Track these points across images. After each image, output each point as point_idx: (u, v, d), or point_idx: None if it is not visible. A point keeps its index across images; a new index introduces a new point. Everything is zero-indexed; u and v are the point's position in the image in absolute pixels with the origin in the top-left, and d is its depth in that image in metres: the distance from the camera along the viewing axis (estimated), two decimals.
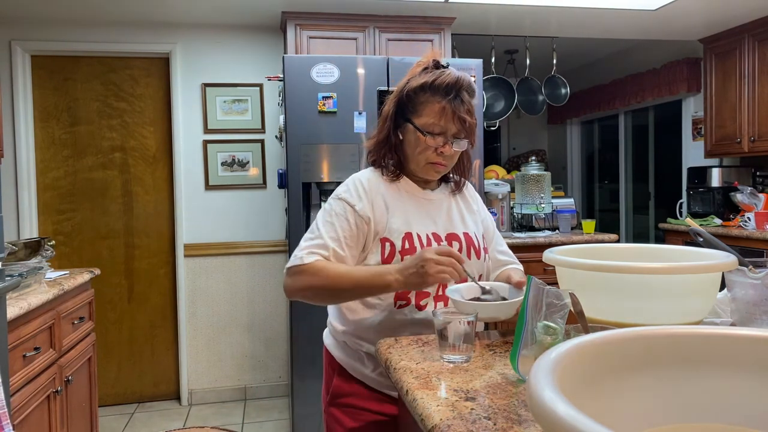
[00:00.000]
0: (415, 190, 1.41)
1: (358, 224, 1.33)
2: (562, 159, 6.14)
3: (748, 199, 3.69)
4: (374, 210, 1.34)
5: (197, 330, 3.66)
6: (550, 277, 1.67)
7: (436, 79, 1.32)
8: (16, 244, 2.27)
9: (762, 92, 3.61)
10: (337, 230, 1.32)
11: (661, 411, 0.65)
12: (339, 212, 1.34)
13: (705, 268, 1.06)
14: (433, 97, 1.32)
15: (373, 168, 1.44)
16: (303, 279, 1.29)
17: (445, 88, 1.31)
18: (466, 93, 1.33)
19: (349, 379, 1.41)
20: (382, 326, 1.35)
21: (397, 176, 1.40)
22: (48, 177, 3.54)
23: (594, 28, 3.86)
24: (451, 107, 1.30)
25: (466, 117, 1.31)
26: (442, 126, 1.31)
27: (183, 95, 3.60)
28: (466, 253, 1.38)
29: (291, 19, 3.28)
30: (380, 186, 1.38)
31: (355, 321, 1.38)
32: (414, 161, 1.37)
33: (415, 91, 1.34)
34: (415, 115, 1.34)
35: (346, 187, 1.39)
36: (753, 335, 0.67)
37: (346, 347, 1.41)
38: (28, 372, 1.93)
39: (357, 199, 1.35)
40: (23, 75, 3.43)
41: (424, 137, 1.32)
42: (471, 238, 1.41)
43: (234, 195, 3.67)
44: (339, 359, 1.42)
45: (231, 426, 3.26)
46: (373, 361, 1.37)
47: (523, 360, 0.94)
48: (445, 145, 1.32)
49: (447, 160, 1.35)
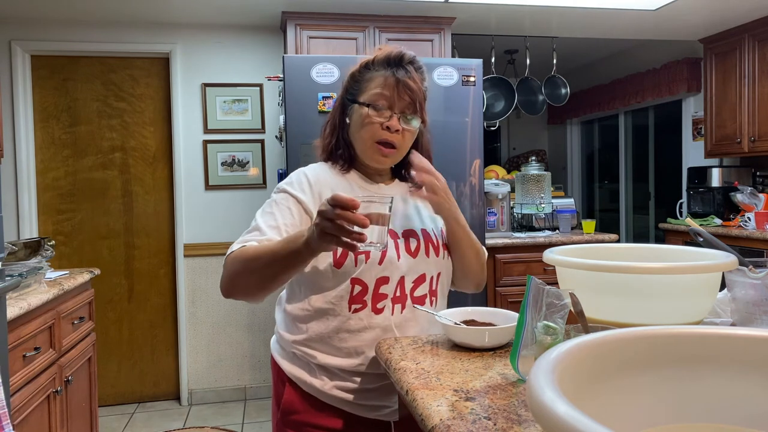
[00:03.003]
0: (365, 184, 1.31)
1: (301, 215, 1.23)
2: (562, 159, 6.14)
3: (748, 199, 3.69)
4: (319, 203, 1.21)
5: (197, 330, 3.66)
6: (550, 277, 1.68)
7: (378, 54, 1.26)
8: (16, 244, 2.27)
9: (762, 92, 3.61)
10: (277, 218, 1.21)
11: (661, 411, 0.65)
12: (280, 202, 1.24)
13: (705, 268, 1.06)
14: (376, 72, 1.25)
15: (322, 162, 1.34)
16: (227, 268, 1.15)
17: (386, 61, 1.25)
18: (411, 66, 1.25)
19: (301, 393, 1.28)
20: (336, 335, 1.23)
21: (346, 169, 1.30)
22: (48, 177, 3.54)
23: (594, 28, 3.86)
24: (394, 77, 1.22)
25: (411, 84, 1.21)
26: (388, 98, 1.22)
27: (183, 95, 3.60)
28: (425, 251, 1.29)
29: (291, 19, 3.28)
30: (328, 179, 1.28)
31: (306, 329, 1.26)
32: (361, 142, 1.26)
33: (359, 71, 1.28)
34: (360, 94, 1.26)
35: (289, 180, 1.29)
36: (753, 335, 0.67)
37: (296, 358, 1.29)
38: (28, 372, 1.93)
39: (299, 191, 1.25)
40: (23, 75, 3.43)
41: (367, 110, 1.22)
42: (429, 235, 1.31)
43: (234, 195, 3.67)
44: (288, 372, 1.29)
45: (231, 426, 3.26)
46: (327, 374, 1.25)
47: (523, 360, 0.94)
48: (391, 119, 1.22)
49: (396, 139, 1.23)
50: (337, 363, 1.25)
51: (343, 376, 1.26)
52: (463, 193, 2.98)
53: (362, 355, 1.25)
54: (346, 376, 1.25)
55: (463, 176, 2.99)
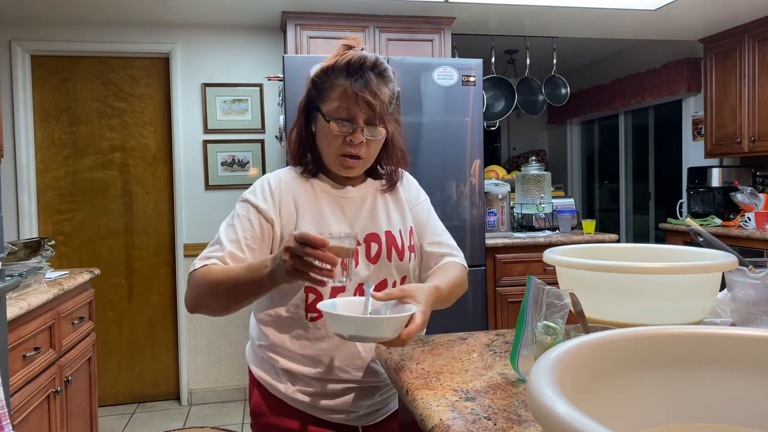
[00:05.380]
0: (330, 189, 1.27)
1: (262, 225, 1.22)
2: (562, 159, 6.14)
3: (748, 199, 3.69)
4: (281, 211, 1.23)
5: (197, 330, 3.66)
6: (550, 277, 1.68)
7: (339, 59, 1.20)
8: (16, 244, 2.27)
9: (762, 92, 3.61)
10: (237, 231, 1.21)
11: (661, 411, 0.65)
12: (241, 213, 1.24)
13: (705, 268, 1.06)
14: (336, 79, 1.19)
15: (290, 167, 1.31)
16: (192, 287, 1.17)
17: (345, 68, 1.18)
18: (371, 73, 1.19)
19: (267, 396, 1.29)
20: (298, 340, 1.24)
21: (313, 174, 1.28)
22: (48, 177, 3.54)
23: (594, 28, 3.86)
24: (353, 89, 1.16)
25: (370, 99, 1.16)
26: (348, 110, 1.17)
27: (183, 95, 3.60)
28: (386, 256, 1.25)
29: (291, 19, 3.28)
30: (292, 185, 1.26)
31: (269, 334, 1.26)
32: (325, 154, 1.23)
33: (319, 76, 1.22)
34: (322, 102, 1.21)
35: (253, 188, 1.28)
36: (753, 335, 0.67)
37: (263, 362, 1.30)
38: (28, 372, 1.93)
39: (261, 200, 1.24)
40: (23, 75, 3.43)
41: (328, 124, 1.18)
42: (393, 238, 1.27)
43: (234, 195, 3.67)
44: (256, 375, 1.31)
45: (231, 426, 3.26)
46: (290, 378, 1.25)
47: (523, 360, 0.94)
48: (354, 133, 1.18)
49: (360, 151, 1.20)
50: (298, 368, 1.25)
51: (306, 381, 1.25)
52: (463, 193, 2.98)
53: (322, 362, 1.24)
54: (308, 380, 1.25)
55: (463, 176, 2.98)
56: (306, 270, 0.97)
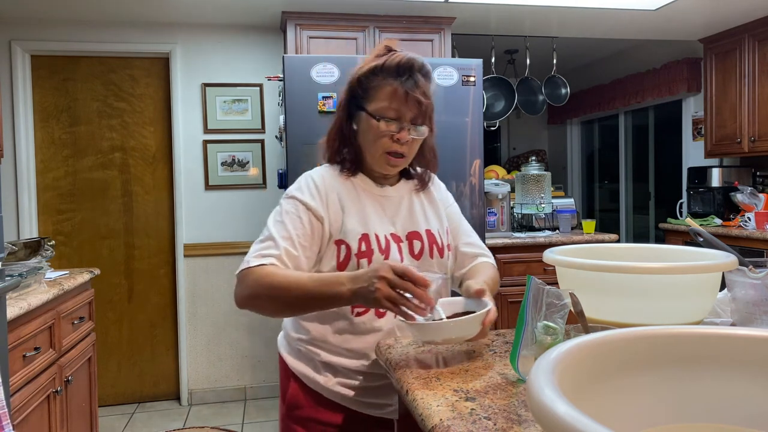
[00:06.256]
0: (371, 188, 1.30)
1: (312, 222, 1.23)
2: (562, 159, 6.14)
3: (748, 199, 3.69)
4: (329, 209, 1.24)
5: (197, 330, 3.66)
6: (550, 277, 1.68)
7: (387, 60, 1.23)
8: (16, 244, 2.27)
9: (762, 92, 3.61)
10: (288, 228, 1.21)
11: (661, 411, 0.65)
12: (290, 210, 1.24)
13: (705, 268, 1.06)
14: (384, 80, 1.23)
15: (328, 165, 1.33)
16: (249, 286, 1.17)
17: (396, 69, 1.22)
18: (419, 74, 1.24)
19: (305, 389, 1.31)
20: (340, 335, 1.26)
21: (353, 172, 1.30)
22: (48, 177, 3.54)
23: (594, 28, 3.86)
24: (403, 88, 1.21)
25: (421, 98, 1.21)
26: (397, 110, 1.22)
27: (183, 95, 3.60)
28: (429, 253, 1.29)
29: (291, 19, 3.28)
30: (335, 183, 1.28)
31: (310, 329, 1.29)
32: (369, 152, 1.26)
33: (366, 76, 1.25)
34: (368, 101, 1.24)
35: (298, 185, 1.28)
36: (753, 335, 0.67)
37: (301, 355, 1.32)
38: (28, 372, 1.93)
39: (309, 197, 1.25)
40: (23, 75, 3.43)
41: (377, 123, 1.22)
42: (433, 236, 1.32)
43: (234, 195, 3.67)
44: (293, 367, 1.32)
45: (231, 426, 3.26)
46: (331, 371, 1.28)
47: (523, 360, 0.94)
48: (401, 131, 1.22)
49: (405, 149, 1.25)
50: (340, 362, 1.27)
51: (347, 374, 1.28)
52: (463, 193, 2.98)
53: (366, 356, 1.27)
54: (349, 373, 1.27)
55: (463, 176, 2.99)
56: (401, 303, 1.02)
